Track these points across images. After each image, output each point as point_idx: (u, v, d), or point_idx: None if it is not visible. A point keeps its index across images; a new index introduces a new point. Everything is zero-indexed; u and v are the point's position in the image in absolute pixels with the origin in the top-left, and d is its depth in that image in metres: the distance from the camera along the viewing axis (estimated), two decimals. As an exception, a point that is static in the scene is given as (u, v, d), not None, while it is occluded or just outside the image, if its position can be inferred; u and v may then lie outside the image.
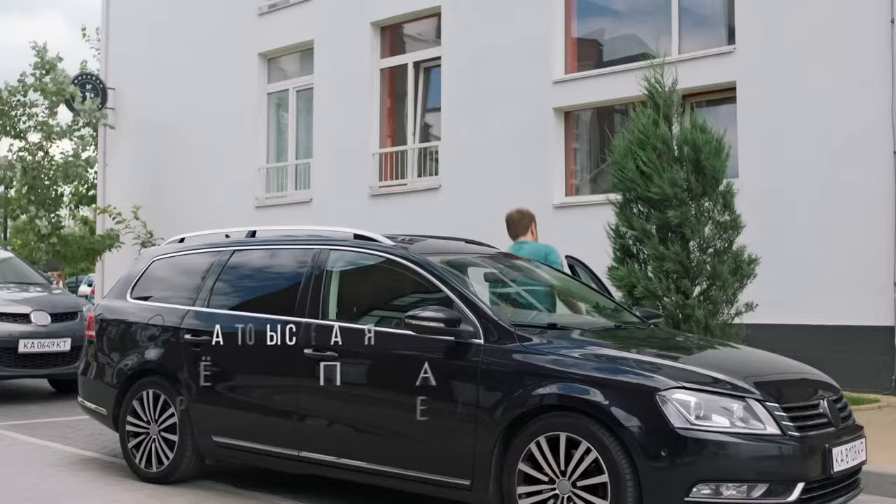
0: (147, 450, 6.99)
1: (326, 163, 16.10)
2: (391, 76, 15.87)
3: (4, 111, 17.67)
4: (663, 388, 5.06)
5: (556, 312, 6.74)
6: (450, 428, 5.58)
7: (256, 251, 7.06)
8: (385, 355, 5.94)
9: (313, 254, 6.56)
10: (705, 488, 4.94)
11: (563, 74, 13.51)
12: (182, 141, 18.25)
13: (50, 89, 17.71)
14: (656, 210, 9.29)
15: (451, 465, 5.55)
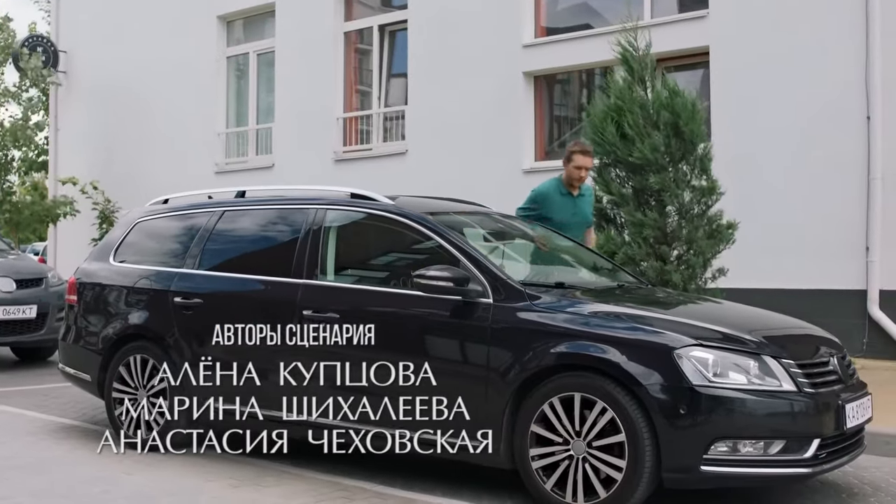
0: (135, 416, 6.81)
1: (288, 128, 15.85)
2: (356, 40, 15.64)
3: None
4: (680, 345, 5.03)
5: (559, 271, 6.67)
6: (459, 389, 5.48)
7: (249, 212, 6.87)
8: (389, 315, 5.82)
9: (310, 214, 6.40)
10: (723, 446, 4.93)
11: (532, 38, 13.40)
12: (139, 105, 17.85)
13: None
14: (636, 175, 9.25)
15: (462, 427, 5.47)
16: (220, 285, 6.58)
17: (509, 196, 12.66)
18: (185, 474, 6.09)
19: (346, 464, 6.01)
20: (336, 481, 5.90)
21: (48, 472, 6.18)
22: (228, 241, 6.83)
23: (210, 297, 6.60)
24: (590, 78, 13.54)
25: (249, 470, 6.13)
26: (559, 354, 5.22)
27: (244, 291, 6.46)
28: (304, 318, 6.00)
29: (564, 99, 14.00)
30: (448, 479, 5.92)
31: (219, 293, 6.56)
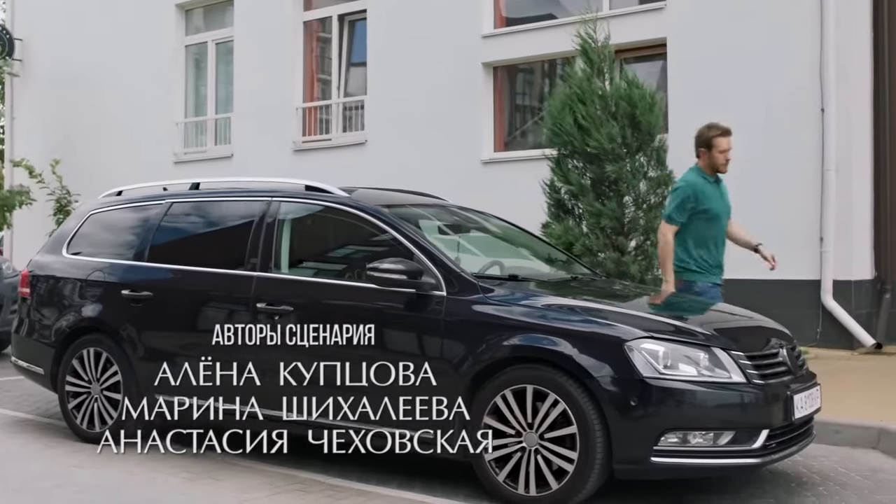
0: (89, 410, 6.78)
1: (248, 118, 15.75)
2: (314, 29, 15.57)
3: None
4: (631, 337, 5.07)
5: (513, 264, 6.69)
6: (413, 381, 5.50)
7: (203, 203, 6.83)
8: (343, 308, 5.81)
9: (264, 206, 6.38)
10: (673, 437, 4.98)
11: (492, 29, 13.40)
12: (97, 94, 17.66)
13: None
14: (593, 165, 9.31)
15: (417, 420, 5.48)
16: (170, 277, 6.55)
17: (469, 187, 12.74)
18: (139, 469, 6.06)
19: (302, 457, 6.02)
20: (292, 474, 5.91)
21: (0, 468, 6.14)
22: (181, 233, 6.81)
23: (159, 290, 6.57)
24: (550, 69, 13.56)
25: (206, 464, 6.11)
26: (512, 347, 5.25)
27: (195, 284, 6.42)
28: (258, 312, 5.99)
29: (524, 90, 14.02)
30: (402, 471, 5.93)
31: (168, 286, 6.53)
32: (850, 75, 10.83)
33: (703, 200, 7.02)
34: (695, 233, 6.97)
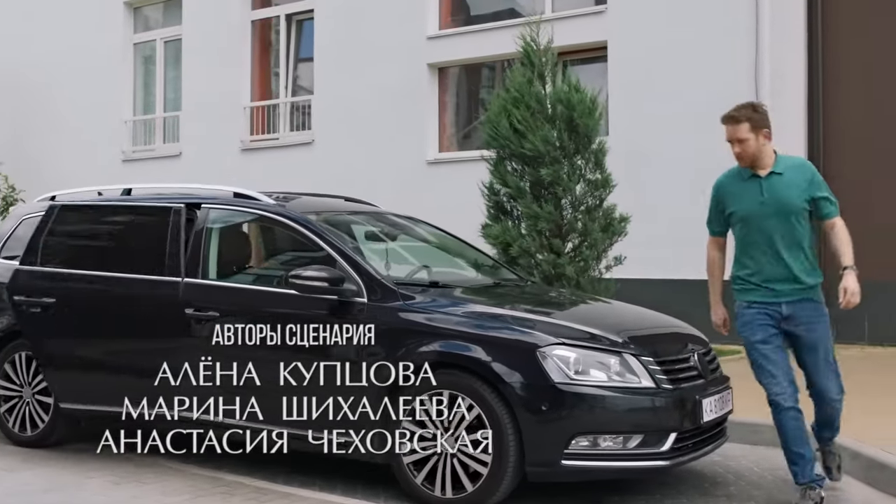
0: (21, 413, 6.83)
1: (196, 116, 15.79)
2: (262, 28, 15.62)
3: None
4: (543, 344, 5.21)
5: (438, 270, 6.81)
6: (335, 386, 5.60)
7: (130, 209, 6.87)
8: (268, 314, 5.90)
9: (190, 212, 6.44)
10: (584, 440, 5.12)
11: (437, 30, 13.54)
12: (45, 92, 17.60)
13: None
14: (530, 167, 9.44)
15: (340, 424, 5.58)
16: (94, 284, 6.57)
17: (414, 186, 12.89)
18: (66, 471, 6.16)
19: (228, 459, 6.09)
20: (217, 476, 6.00)
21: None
22: (110, 238, 6.82)
23: (72, 296, 6.63)
24: (495, 70, 13.70)
25: (130, 466, 6.19)
26: (428, 353, 5.37)
27: (122, 290, 6.46)
28: (187, 317, 6.06)
29: (469, 91, 14.15)
30: (326, 473, 6.04)
31: (94, 292, 6.55)
32: (784, 76, 11.05)
33: (728, 202, 5.71)
34: (738, 242, 5.67)
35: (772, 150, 5.51)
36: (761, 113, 5.54)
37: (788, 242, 5.39)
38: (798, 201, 5.41)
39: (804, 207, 5.41)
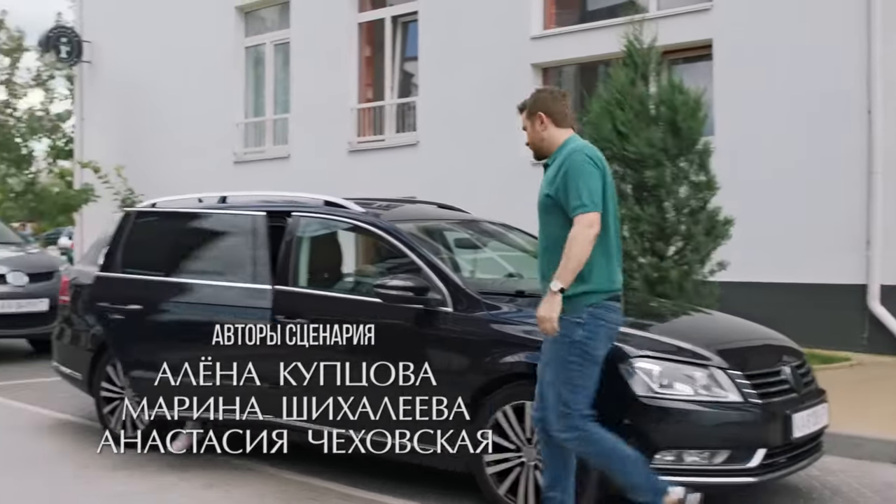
0: (122, 415, 7.03)
1: (304, 118, 16.01)
2: (369, 30, 15.75)
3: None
4: (627, 356, 5.13)
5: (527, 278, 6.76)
6: (420, 396, 5.63)
7: (225, 217, 6.92)
8: (356, 322, 5.95)
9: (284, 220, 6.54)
10: (668, 455, 5.04)
11: (541, 30, 13.44)
12: (159, 95, 18.09)
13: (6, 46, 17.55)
14: (632, 170, 9.32)
15: (422, 433, 5.61)
16: (189, 292, 6.65)
17: (516, 187, 12.81)
18: (163, 474, 6.30)
19: (317, 463, 6.19)
20: (307, 482, 6.09)
21: (33, 470, 6.42)
22: (205, 246, 6.93)
23: (152, 303, 6.68)
24: (597, 70, 13.55)
25: (224, 469, 6.32)
26: (511, 364, 5.36)
27: (196, 296, 6.56)
28: (277, 324, 6.13)
29: (572, 91, 14.01)
30: (410, 480, 6.06)
31: (188, 300, 6.62)
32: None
33: None
34: None
35: (560, 137, 5.05)
36: (538, 96, 5.18)
37: (544, 242, 5.04)
38: (542, 197, 5.04)
39: (549, 203, 4.94)
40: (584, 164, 4.78)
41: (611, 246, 4.85)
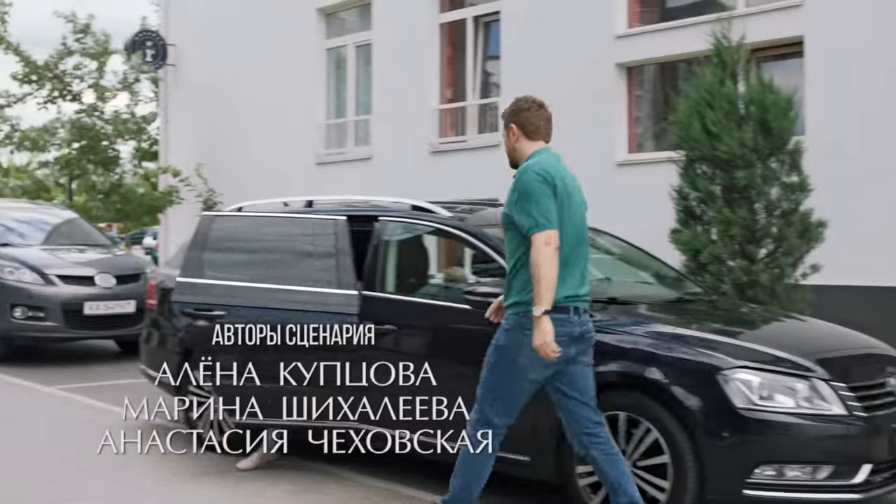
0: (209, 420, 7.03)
1: (386, 119, 15.98)
2: (450, 31, 15.67)
3: (59, 76, 17.81)
4: (726, 367, 4.97)
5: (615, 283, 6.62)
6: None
7: (309, 221, 6.74)
8: (444, 329, 5.88)
9: (371, 225, 6.48)
10: (769, 469, 4.87)
11: (625, 29, 13.23)
12: (241, 97, 18.22)
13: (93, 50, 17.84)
14: (722, 171, 9.10)
15: (511, 441, 5.50)
16: (274, 297, 6.44)
17: (601, 189, 12.60)
18: (248, 480, 6.28)
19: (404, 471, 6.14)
20: (394, 489, 6.04)
21: (120, 474, 6.45)
22: (291, 252, 6.75)
23: (235, 308, 6.52)
24: (684, 69, 13.30)
25: (311, 476, 6.30)
26: (604, 373, 5.21)
27: (280, 302, 6.40)
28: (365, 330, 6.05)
29: (659, 90, 13.78)
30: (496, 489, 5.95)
31: (272, 305, 6.43)
32: None
33: None
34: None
35: (528, 149, 5.19)
36: (514, 106, 5.33)
37: (509, 259, 5.06)
38: (502, 214, 5.09)
39: (507, 221, 5.01)
40: (531, 184, 4.85)
41: (561, 259, 4.79)
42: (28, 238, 12.54)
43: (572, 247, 4.88)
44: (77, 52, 18.00)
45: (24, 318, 11.07)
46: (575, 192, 5.03)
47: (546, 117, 5.27)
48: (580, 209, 5.06)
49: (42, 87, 17.89)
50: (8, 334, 11.17)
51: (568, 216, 4.89)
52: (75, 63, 18.15)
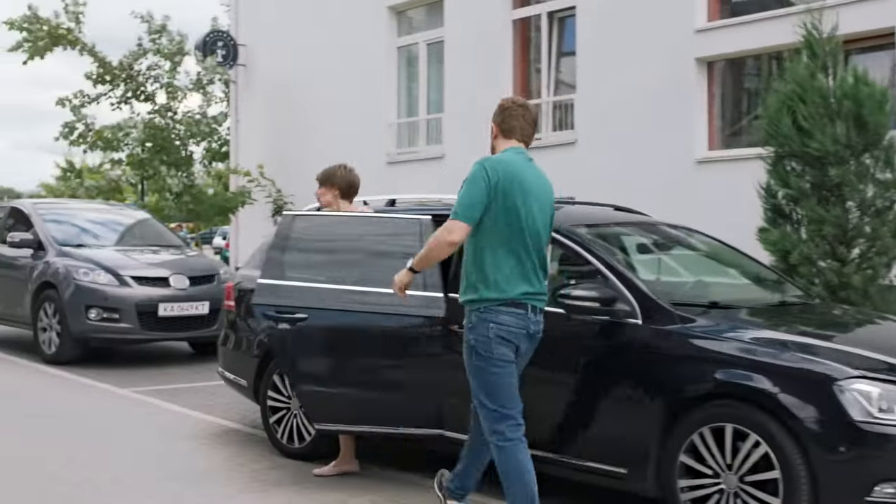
0: (289, 425, 6.86)
1: (458, 118, 15.76)
2: (523, 27, 15.40)
3: (133, 76, 17.83)
4: (841, 377, 4.65)
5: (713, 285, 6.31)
6: (604, 413, 5.27)
7: (395, 221, 6.49)
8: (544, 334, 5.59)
9: None
10: (889, 487, 4.55)
11: (705, 22, 12.86)
12: (312, 97, 18.13)
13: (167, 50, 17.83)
14: (813, 168, 8.74)
15: (606, 453, 5.25)
16: (358, 299, 6.17)
17: (680, 187, 12.33)
18: (329, 490, 6.08)
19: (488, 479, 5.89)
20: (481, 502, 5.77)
21: (198, 483, 6.29)
22: (372, 252, 6.47)
23: (317, 311, 6.21)
24: (768, 63, 12.90)
25: (392, 486, 6.10)
26: (709, 382, 4.93)
27: (362, 304, 6.13)
28: (453, 335, 5.82)
29: (739, 85, 13.38)
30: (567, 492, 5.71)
31: (357, 308, 6.15)
32: None
33: None
34: None
35: (500, 147, 5.28)
36: (498, 106, 5.43)
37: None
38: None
39: None
40: (472, 174, 4.99)
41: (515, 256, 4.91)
42: (102, 239, 12.52)
43: (526, 246, 4.92)
44: (151, 52, 17.96)
45: (99, 319, 11.00)
46: (537, 193, 5.05)
47: (526, 117, 5.29)
48: (543, 209, 5.05)
49: (116, 87, 17.90)
50: (83, 336, 11.11)
51: (524, 215, 4.91)
52: (149, 63, 18.13)
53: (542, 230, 5.03)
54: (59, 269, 11.39)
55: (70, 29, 17.46)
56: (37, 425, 7.96)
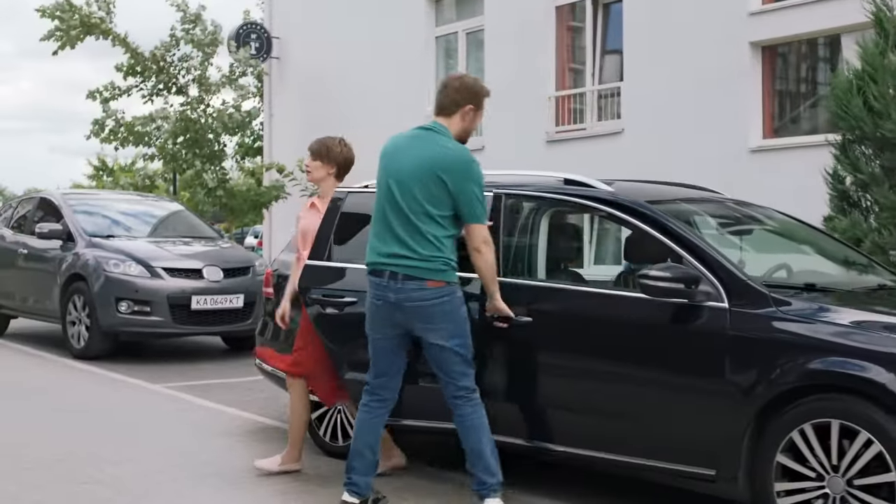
0: (331, 422, 6.38)
1: (499, 107, 15.09)
2: (568, 14, 14.87)
3: (164, 68, 17.41)
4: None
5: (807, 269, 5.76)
6: (689, 409, 4.74)
7: None
8: (608, 320, 5.08)
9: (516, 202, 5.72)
10: None
11: (760, 5, 12.29)
12: (347, 89, 17.68)
13: (201, 40, 17.40)
14: (886, 152, 8.19)
15: (691, 452, 4.72)
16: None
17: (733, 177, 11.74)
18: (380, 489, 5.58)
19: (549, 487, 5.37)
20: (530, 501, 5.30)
21: (237, 484, 5.82)
22: None
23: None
24: (825, 47, 12.32)
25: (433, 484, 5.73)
26: (812, 372, 4.38)
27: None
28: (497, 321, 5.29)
29: (797, 70, 12.80)
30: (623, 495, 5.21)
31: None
32: None
33: None
34: None
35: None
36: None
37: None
38: None
39: None
40: None
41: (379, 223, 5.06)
42: (133, 230, 12.09)
43: (382, 207, 5.00)
44: (183, 40, 17.52)
45: (130, 312, 10.54)
46: (407, 149, 5.18)
47: (445, 93, 5.52)
48: (407, 167, 5.06)
49: (147, 79, 17.49)
50: (112, 329, 10.67)
51: (384, 176, 5.07)
52: (181, 54, 17.69)
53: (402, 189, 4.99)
54: (89, 260, 10.95)
55: (102, 18, 17.06)
56: (65, 421, 7.55)
